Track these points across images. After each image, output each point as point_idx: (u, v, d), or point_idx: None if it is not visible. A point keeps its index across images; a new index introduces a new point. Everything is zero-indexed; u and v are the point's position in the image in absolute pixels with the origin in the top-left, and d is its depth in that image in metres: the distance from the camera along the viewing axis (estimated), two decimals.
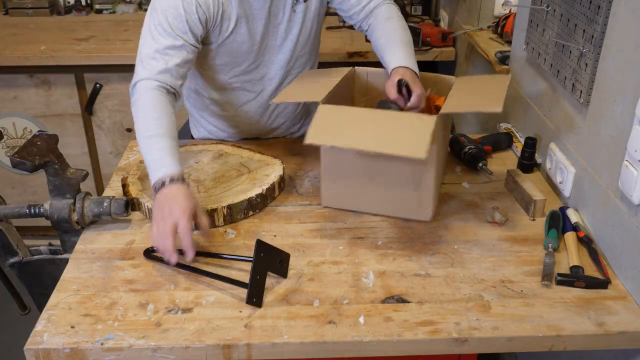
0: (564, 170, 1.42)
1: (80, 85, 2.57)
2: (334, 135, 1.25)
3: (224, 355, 1.05)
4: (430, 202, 1.35)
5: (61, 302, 1.13)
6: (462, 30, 2.37)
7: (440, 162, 1.40)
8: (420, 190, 1.33)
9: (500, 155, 1.69)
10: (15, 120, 2.66)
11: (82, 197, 1.31)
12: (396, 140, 1.21)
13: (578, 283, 1.16)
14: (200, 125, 1.78)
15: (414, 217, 1.37)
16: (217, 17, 1.44)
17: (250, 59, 1.55)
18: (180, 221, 1.16)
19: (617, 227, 1.19)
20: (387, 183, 1.34)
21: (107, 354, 1.04)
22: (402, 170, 1.31)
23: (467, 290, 1.16)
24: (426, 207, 1.36)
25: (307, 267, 1.23)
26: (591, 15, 1.27)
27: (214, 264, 1.24)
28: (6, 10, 3.00)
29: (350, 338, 1.05)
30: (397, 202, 1.36)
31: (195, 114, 1.78)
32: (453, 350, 1.07)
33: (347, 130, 1.26)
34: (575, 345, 1.08)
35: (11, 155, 1.28)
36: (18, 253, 1.39)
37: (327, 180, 1.40)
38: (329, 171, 1.39)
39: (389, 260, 1.25)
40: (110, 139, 2.68)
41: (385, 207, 1.38)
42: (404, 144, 1.19)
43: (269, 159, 1.57)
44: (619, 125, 1.18)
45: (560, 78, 1.42)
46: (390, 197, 1.36)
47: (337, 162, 1.37)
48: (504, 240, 1.31)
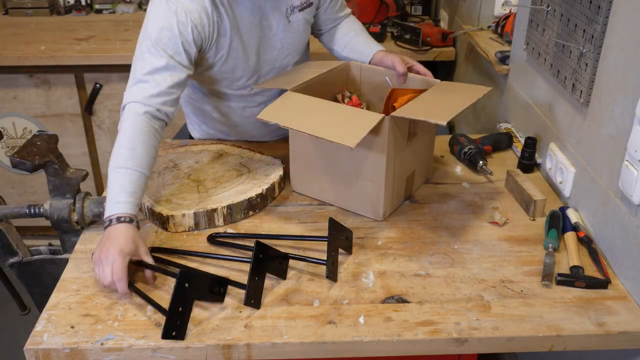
0: (564, 170, 1.42)
1: (80, 85, 2.57)
2: (284, 116, 1.31)
3: (224, 355, 1.05)
4: (381, 202, 1.35)
5: (61, 302, 1.13)
6: (462, 30, 2.37)
7: (404, 164, 1.39)
8: (373, 188, 1.34)
9: (500, 155, 1.69)
10: (15, 120, 2.65)
11: (82, 197, 1.32)
12: (336, 129, 1.25)
13: (578, 283, 1.16)
14: (201, 129, 1.76)
15: (367, 214, 1.39)
16: (213, 36, 1.41)
17: (248, 73, 1.54)
18: (114, 263, 1.10)
19: (617, 227, 1.19)
20: (344, 177, 1.38)
21: (107, 354, 1.04)
22: (358, 165, 1.34)
23: (467, 290, 1.16)
24: (377, 206, 1.36)
25: (306, 268, 1.22)
26: (591, 15, 1.27)
27: (214, 264, 1.24)
28: (6, 10, 2.99)
29: (350, 338, 1.05)
30: (353, 197, 1.39)
31: (194, 120, 1.75)
32: (453, 350, 1.07)
33: (299, 115, 1.32)
34: (575, 345, 1.08)
35: (11, 155, 1.28)
36: (18, 253, 1.39)
37: (295, 166, 1.46)
38: (295, 157, 1.45)
39: (389, 260, 1.25)
40: (110, 139, 2.68)
41: (343, 200, 1.41)
42: (341, 132, 1.23)
43: (269, 159, 1.57)
44: (619, 125, 1.18)
45: (560, 78, 1.42)
46: (347, 191, 1.39)
47: (302, 149, 1.43)
48: (504, 240, 1.31)
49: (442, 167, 1.61)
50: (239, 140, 1.74)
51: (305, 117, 1.31)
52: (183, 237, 1.32)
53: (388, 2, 2.75)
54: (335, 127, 1.25)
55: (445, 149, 1.69)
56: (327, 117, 1.30)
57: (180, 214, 1.32)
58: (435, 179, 1.55)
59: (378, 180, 1.33)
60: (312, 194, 1.47)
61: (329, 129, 1.24)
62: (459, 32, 2.43)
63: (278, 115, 1.31)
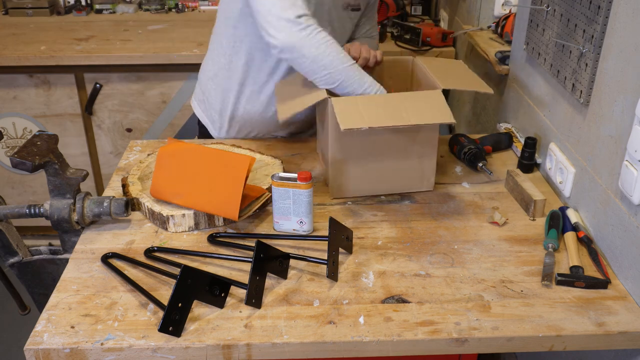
0: (564, 170, 1.42)
1: (80, 85, 2.57)
2: (359, 119, 1.32)
3: (224, 355, 1.05)
4: (433, 172, 1.47)
5: (61, 302, 1.13)
6: (462, 30, 2.37)
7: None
8: (427, 161, 1.45)
9: (500, 155, 1.69)
10: (15, 120, 2.65)
11: (82, 197, 1.32)
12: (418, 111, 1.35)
13: (578, 283, 1.16)
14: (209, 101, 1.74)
15: (420, 189, 1.49)
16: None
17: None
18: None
19: (617, 227, 1.19)
20: (394, 161, 1.44)
21: (107, 354, 1.04)
22: (411, 144, 1.42)
23: (467, 290, 1.16)
24: (430, 177, 1.47)
25: (307, 267, 1.23)
26: (591, 15, 1.27)
27: (214, 264, 1.24)
28: (6, 10, 3.00)
29: (350, 338, 1.05)
30: (402, 178, 1.46)
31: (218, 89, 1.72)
32: (453, 350, 1.07)
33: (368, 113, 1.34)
34: (575, 345, 1.08)
35: (11, 155, 1.28)
36: (18, 253, 1.39)
37: (335, 172, 1.45)
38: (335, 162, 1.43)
39: (389, 260, 1.25)
40: (110, 139, 2.68)
41: (391, 185, 1.47)
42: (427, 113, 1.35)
43: (269, 159, 1.57)
44: (619, 125, 1.18)
45: (560, 78, 1.42)
46: (396, 174, 1.46)
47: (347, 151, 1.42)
48: (504, 240, 1.31)
49: (442, 167, 1.61)
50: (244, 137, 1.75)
51: (377, 113, 1.34)
52: (183, 237, 1.32)
53: (388, 2, 2.75)
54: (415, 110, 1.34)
55: (445, 149, 1.69)
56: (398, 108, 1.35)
57: (180, 214, 1.32)
58: (435, 179, 1.55)
59: (431, 152, 1.44)
60: (355, 193, 1.47)
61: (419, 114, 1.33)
62: (459, 32, 2.44)
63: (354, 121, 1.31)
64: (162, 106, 2.61)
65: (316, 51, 1.37)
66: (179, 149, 1.37)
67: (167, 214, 1.32)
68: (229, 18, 1.61)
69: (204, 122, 1.81)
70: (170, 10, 3.11)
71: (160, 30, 2.77)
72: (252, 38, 1.56)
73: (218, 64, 1.69)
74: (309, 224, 1.31)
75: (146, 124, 2.65)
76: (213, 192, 1.30)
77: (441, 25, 2.78)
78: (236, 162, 1.30)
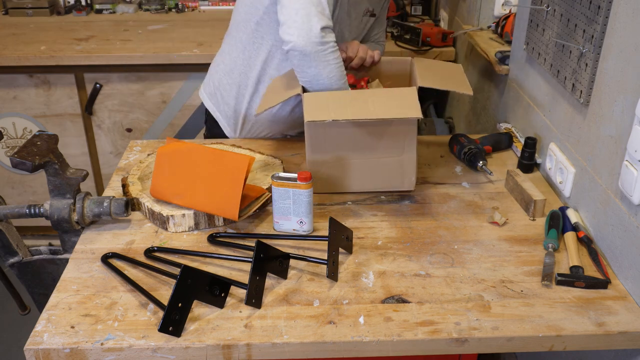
0: (564, 170, 1.42)
1: (80, 85, 2.57)
2: (327, 113, 1.34)
3: (224, 355, 1.05)
4: (414, 171, 1.44)
5: (61, 302, 1.13)
6: (462, 30, 2.37)
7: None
8: (407, 160, 1.42)
9: (500, 155, 1.69)
10: (15, 120, 2.65)
11: (82, 197, 1.32)
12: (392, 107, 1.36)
13: (578, 283, 1.16)
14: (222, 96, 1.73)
15: (400, 188, 1.46)
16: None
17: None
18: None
19: (617, 227, 1.19)
20: (374, 159, 1.43)
21: (107, 354, 1.04)
22: (391, 142, 1.41)
23: (467, 290, 1.16)
24: (410, 176, 1.45)
25: (307, 267, 1.23)
26: (591, 15, 1.27)
27: (214, 264, 1.24)
28: (6, 10, 3.00)
29: (350, 338, 1.05)
30: (382, 176, 1.45)
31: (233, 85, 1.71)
32: (453, 350, 1.07)
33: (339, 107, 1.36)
34: (575, 345, 1.08)
35: (11, 155, 1.28)
36: (18, 253, 1.39)
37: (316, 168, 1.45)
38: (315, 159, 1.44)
39: (389, 260, 1.25)
40: (110, 139, 2.68)
41: (373, 184, 1.47)
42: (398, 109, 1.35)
43: (269, 159, 1.57)
44: (619, 125, 1.18)
45: (560, 78, 1.42)
46: (377, 173, 1.45)
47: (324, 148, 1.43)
48: (504, 240, 1.31)
49: (442, 167, 1.61)
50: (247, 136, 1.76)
51: (344, 107, 1.35)
52: (183, 237, 1.32)
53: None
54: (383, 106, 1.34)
55: (445, 149, 1.69)
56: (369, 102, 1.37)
57: (180, 214, 1.32)
58: (435, 179, 1.55)
59: (410, 150, 1.41)
60: (337, 189, 1.47)
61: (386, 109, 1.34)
62: (459, 32, 2.44)
63: (320, 114, 1.33)
64: (162, 106, 2.61)
65: (323, 70, 1.40)
66: (178, 149, 1.37)
67: (167, 214, 1.32)
68: (251, 14, 1.58)
69: (215, 117, 1.78)
70: (170, 10, 3.12)
71: (160, 30, 2.77)
72: (276, 36, 1.54)
73: (236, 59, 1.67)
74: (309, 224, 1.31)
75: (146, 124, 2.65)
76: (213, 192, 1.30)
77: (441, 25, 2.78)
78: (235, 162, 1.30)
